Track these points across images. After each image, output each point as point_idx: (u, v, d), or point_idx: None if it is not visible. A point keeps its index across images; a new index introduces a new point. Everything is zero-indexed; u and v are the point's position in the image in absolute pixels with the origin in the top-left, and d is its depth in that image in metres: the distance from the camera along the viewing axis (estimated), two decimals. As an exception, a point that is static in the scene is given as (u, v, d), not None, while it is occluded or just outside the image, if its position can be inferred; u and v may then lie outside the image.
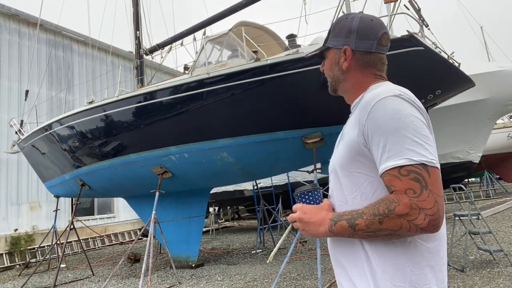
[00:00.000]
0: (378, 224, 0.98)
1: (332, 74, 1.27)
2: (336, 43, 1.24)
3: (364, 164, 1.10)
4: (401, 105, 1.04)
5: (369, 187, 1.10)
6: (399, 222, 0.96)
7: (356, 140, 1.10)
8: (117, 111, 6.86)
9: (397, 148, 1.00)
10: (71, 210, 12.98)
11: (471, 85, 5.67)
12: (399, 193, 0.98)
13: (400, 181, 0.98)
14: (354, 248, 1.11)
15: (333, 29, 1.25)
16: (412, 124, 1.01)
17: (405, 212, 0.95)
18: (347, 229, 1.03)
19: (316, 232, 1.10)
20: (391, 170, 1.00)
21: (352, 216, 1.04)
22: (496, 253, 5.78)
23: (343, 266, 1.16)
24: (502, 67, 10.64)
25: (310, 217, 1.11)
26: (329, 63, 1.27)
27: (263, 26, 7.41)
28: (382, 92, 1.10)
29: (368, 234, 1.02)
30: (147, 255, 6.07)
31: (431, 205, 0.95)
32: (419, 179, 0.97)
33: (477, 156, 11.71)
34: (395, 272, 1.03)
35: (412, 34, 4.84)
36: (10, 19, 12.29)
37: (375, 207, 1.00)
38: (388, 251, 1.04)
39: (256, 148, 6.16)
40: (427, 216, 0.94)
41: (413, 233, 0.97)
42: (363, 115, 1.09)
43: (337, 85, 1.28)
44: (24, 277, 8.35)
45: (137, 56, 10.06)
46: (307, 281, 5.57)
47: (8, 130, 11.25)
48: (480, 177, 20.88)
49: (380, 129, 1.03)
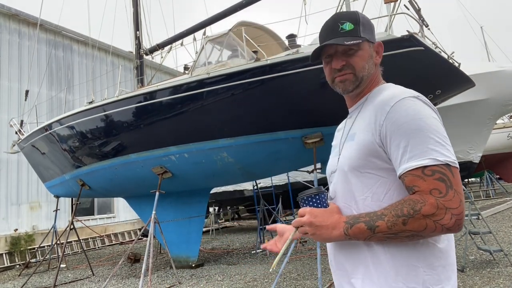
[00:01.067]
0: (401, 225, 0.97)
1: (368, 67, 1.21)
2: (370, 36, 1.21)
3: (377, 165, 1.09)
4: (421, 106, 1.05)
5: (380, 188, 1.09)
6: (424, 222, 0.95)
7: (371, 140, 1.09)
8: (117, 111, 6.86)
9: (420, 149, 0.99)
10: (71, 210, 12.98)
11: (471, 85, 5.67)
12: (424, 193, 0.97)
13: (424, 181, 0.98)
14: (359, 251, 1.10)
15: (362, 22, 1.21)
16: (434, 125, 1.02)
17: (431, 212, 0.95)
18: (365, 231, 1.02)
19: (329, 236, 1.07)
20: (414, 170, 0.99)
21: (371, 218, 1.02)
22: (496, 253, 5.78)
23: (346, 270, 1.15)
24: (502, 67, 10.64)
25: (322, 221, 1.08)
26: (365, 55, 1.20)
27: (263, 26, 7.41)
28: (400, 93, 1.09)
29: (388, 236, 1.00)
30: (147, 255, 6.07)
31: (457, 204, 0.95)
32: (444, 179, 0.97)
33: (477, 156, 11.71)
34: (409, 273, 1.02)
35: (412, 34, 4.84)
36: (10, 19, 12.29)
37: (397, 208, 0.99)
38: (400, 252, 1.04)
39: (256, 148, 6.16)
40: (453, 215, 0.95)
41: (437, 233, 0.97)
42: (380, 115, 1.08)
43: (365, 80, 1.21)
44: (24, 277, 8.35)
45: (137, 56, 10.06)
46: (307, 281, 5.57)
47: (8, 130, 11.25)
48: (480, 177, 20.87)
49: (401, 129, 1.02)
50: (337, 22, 1.21)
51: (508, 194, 17.51)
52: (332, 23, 1.22)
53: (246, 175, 7.13)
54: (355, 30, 1.19)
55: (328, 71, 1.25)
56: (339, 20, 1.21)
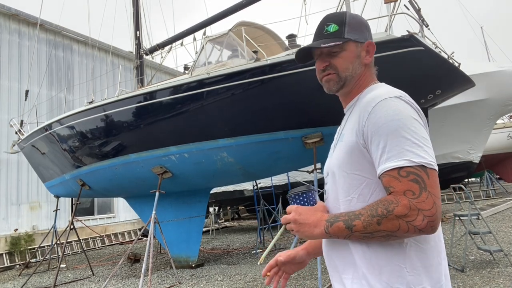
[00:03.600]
0: (376, 225, 0.98)
1: (352, 67, 1.20)
2: (357, 36, 1.21)
3: (363, 166, 1.10)
4: (402, 106, 1.05)
5: (366, 189, 1.10)
6: (397, 223, 0.96)
7: (355, 141, 1.10)
8: (117, 111, 6.86)
9: (397, 149, 1.00)
10: (71, 210, 12.98)
11: (471, 85, 5.67)
12: (398, 194, 0.98)
13: (399, 182, 0.98)
14: (348, 250, 1.11)
15: (349, 22, 1.21)
16: (412, 126, 1.02)
17: (404, 213, 0.95)
18: (344, 230, 1.03)
19: (311, 233, 1.09)
20: (391, 171, 1.00)
21: (349, 217, 1.03)
22: (496, 253, 5.78)
23: (337, 269, 1.16)
24: (502, 67, 10.64)
25: (305, 218, 1.10)
26: (350, 56, 1.20)
27: (263, 26, 7.42)
28: (383, 93, 1.10)
29: (365, 235, 1.01)
30: (147, 255, 6.07)
31: (430, 206, 0.95)
32: (418, 181, 0.97)
33: (477, 156, 11.71)
34: (392, 273, 1.03)
35: (412, 34, 4.84)
36: (10, 19, 12.29)
37: (373, 208, 1.00)
38: (385, 252, 1.04)
39: (256, 148, 6.16)
40: (425, 217, 0.95)
41: (411, 234, 0.97)
42: (363, 116, 1.09)
43: (350, 81, 1.21)
44: (24, 277, 8.35)
45: (137, 56, 10.07)
46: (307, 281, 5.57)
47: (8, 130, 11.25)
48: (480, 177, 20.88)
49: (380, 130, 1.03)
50: (323, 24, 1.23)
51: (508, 194, 17.51)
52: (320, 25, 1.25)
53: (246, 175, 7.13)
54: (339, 31, 1.20)
55: (317, 71, 1.28)
56: (326, 22, 1.24)
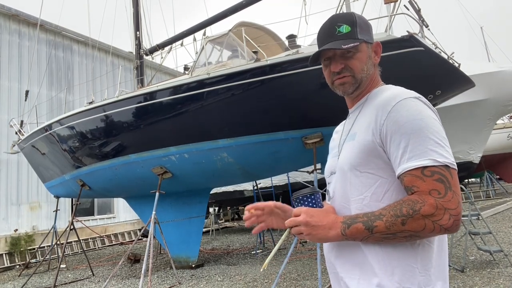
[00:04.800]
0: (400, 225, 0.98)
1: (366, 68, 1.20)
2: (367, 37, 1.21)
3: (377, 165, 1.09)
4: (422, 107, 1.05)
5: (380, 188, 1.09)
6: (423, 222, 0.96)
7: (371, 140, 1.09)
8: (117, 112, 6.86)
9: (420, 149, 1.00)
10: (71, 210, 12.98)
11: (471, 86, 5.67)
12: (423, 193, 0.98)
13: (423, 182, 0.98)
14: (355, 251, 1.10)
15: (359, 23, 1.20)
16: (434, 126, 1.02)
17: (431, 213, 0.95)
18: (363, 231, 1.02)
19: (326, 236, 1.07)
20: (414, 171, 1.00)
21: (369, 218, 1.02)
22: (496, 254, 5.78)
23: (342, 269, 1.15)
24: (502, 67, 10.64)
25: (319, 220, 1.08)
26: (363, 57, 1.20)
27: (263, 27, 7.42)
28: (402, 93, 1.10)
29: (386, 236, 1.01)
30: (147, 255, 6.07)
31: (456, 205, 0.96)
32: (443, 180, 0.97)
33: (477, 157, 11.72)
34: (405, 273, 1.03)
35: (412, 35, 4.84)
36: (10, 19, 12.29)
37: (396, 208, 0.99)
38: (397, 252, 1.04)
39: (256, 149, 6.16)
40: (451, 216, 0.95)
41: (436, 233, 0.98)
42: (381, 115, 1.08)
43: (365, 81, 1.21)
44: (24, 278, 8.35)
45: (137, 57, 10.06)
46: (307, 282, 5.57)
47: (8, 130, 11.25)
48: (480, 178, 20.88)
49: (402, 129, 1.03)
50: (334, 25, 1.20)
51: (508, 194, 17.51)
52: (329, 26, 1.21)
53: (246, 175, 7.13)
54: (352, 32, 1.18)
55: (328, 74, 1.24)
56: (336, 22, 1.20)
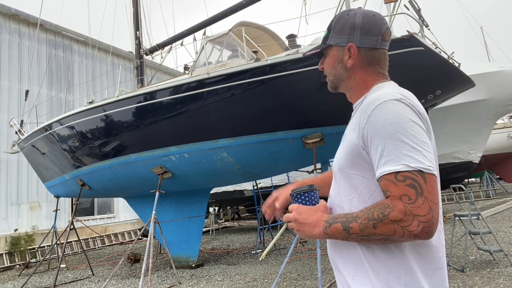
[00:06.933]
0: (372, 228, 0.98)
1: (335, 72, 1.23)
2: (338, 41, 1.21)
3: (363, 167, 1.10)
4: (401, 109, 1.03)
5: (365, 190, 1.10)
6: (392, 227, 0.96)
7: (356, 143, 1.10)
8: (117, 111, 6.86)
9: (394, 153, 0.99)
10: (71, 210, 12.97)
11: (471, 85, 5.67)
12: (394, 198, 0.98)
13: (396, 187, 0.98)
14: (351, 251, 1.11)
15: (334, 26, 1.22)
16: (411, 130, 1.00)
17: (399, 218, 0.95)
18: (341, 232, 1.04)
19: (311, 233, 1.10)
20: (388, 175, 1.00)
21: (347, 219, 1.03)
22: (496, 253, 5.78)
23: (339, 268, 1.17)
24: (502, 67, 10.64)
25: (305, 218, 1.11)
26: (331, 60, 1.24)
27: (263, 26, 7.41)
28: (383, 95, 1.08)
29: (362, 238, 1.02)
30: (147, 255, 6.07)
31: (426, 212, 0.95)
32: (415, 186, 0.96)
33: (477, 156, 11.72)
34: (390, 274, 1.04)
35: (412, 34, 4.84)
36: (10, 19, 12.29)
37: (369, 211, 1.00)
38: (384, 254, 1.05)
39: (256, 148, 6.16)
40: (421, 222, 0.94)
41: (406, 239, 0.97)
42: (363, 118, 1.09)
43: (339, 83, 1.26)
44: (24, 277, 8.35)
45: (137, 56, 10.06)
46: (307, 281, 5.57)
47: (8, 130, 11.25)
48: (480, 177, 20.89)
49: (379, 133, 1.02)
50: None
51: (508, 194, 17.51)
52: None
53: (246, 175, 7.13)
54: (326, 37, 1.24)
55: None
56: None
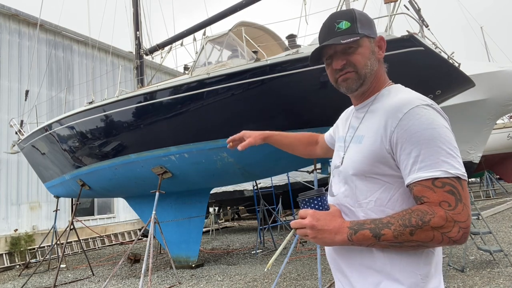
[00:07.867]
0: (408, 235, 0.96)
1: (370, 63, 1.17)
2: (369, 32, 1.18)
3: (383, 171, 1.08)
4: (435, 115, 1.03)
5: (384, 194, 1.08)
6: (432, 234, 0.95)
7: (379, 147, 1.07)
8: (117, 111, 6.86)
9: (432, 159, 0.98)
10: (71, 210, 12.97)
11: (471, 85, 5.66)
12: (433, 204, 0.96)
13: (434, 193, 0.97)
14: (358, 255, 1.09)
15: (359, 19, 1.18)
16: (446, 136, 1.00)
17: (440, 225, 0.94)
18: (370, 238, 1.00)
19: (332, 240, 1.05)
20: (424, 181, 0.98)
21: (376, 226, 1.00)
22: (496, 253, 5.78)
23: (346, 274, 1.14)
24: (502, 67, 10.64)
25: (325, 224, 1.06)
26: (366, 51, 1.16)
27: (263, 26, 7.41)
28: (413, 99, 1.06)
29: (393, 244, 1.00)
30: (147, 255, 6.07)
31: (465, 218, 0.95)
32: (454, 192, 0.96)
33: (477, 156, 11.72)
34: (407, 279, 1.03)
35: (412, 34, 4.84)
36: (10, 19, 12.28)
37: (405, 218, 0.98)
38: (400, 258, 1.04)
39: (256, 148, 6.12)
40: (461, 229, 0.94)
41: (443, 244, 0.97)
42: (391, 121, 1.05)
43: (370, 78, 1.18)
44: (24, 277, 8.35)
45: (137, 56, 10.06)
46: (307, 281, 5.57)
47: (8, 130, 11.25)
48: (480, 177, 20.88)
49: (414, 138, 1.00)
50: (333, 22, 1.18)
51: (508, 194, 17.52)
52: (328, 23, 1.20)
53: (246, 175, 7.13)
54: (352, 27, 1.15)
55: (330, 72, 1.23)
56: (335, 19, 1.18)
